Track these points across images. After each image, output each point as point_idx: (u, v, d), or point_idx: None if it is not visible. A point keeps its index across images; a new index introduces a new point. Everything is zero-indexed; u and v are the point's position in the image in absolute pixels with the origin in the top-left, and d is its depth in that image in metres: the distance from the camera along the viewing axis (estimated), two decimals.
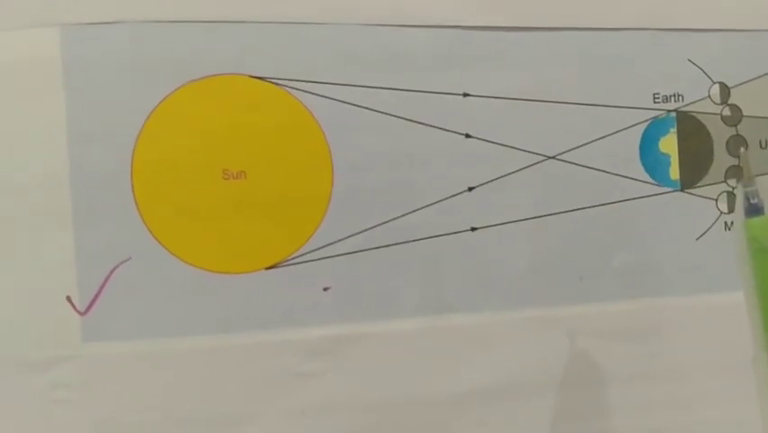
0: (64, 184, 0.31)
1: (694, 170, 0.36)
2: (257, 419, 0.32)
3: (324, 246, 0.33)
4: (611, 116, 0.35)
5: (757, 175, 0.36)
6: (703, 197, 0.36)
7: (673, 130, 0.36)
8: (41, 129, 0.31)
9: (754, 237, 0.27)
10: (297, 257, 0.33)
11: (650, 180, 0.36)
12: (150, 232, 0.31)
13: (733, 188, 0.36)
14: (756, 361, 0.27)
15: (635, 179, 0.35)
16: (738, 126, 0.36)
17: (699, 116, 0.36)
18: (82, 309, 0.31)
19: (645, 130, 0.36)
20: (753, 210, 0.27)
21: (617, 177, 0.35)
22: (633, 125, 0.35)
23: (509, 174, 0.34)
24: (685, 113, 0.36)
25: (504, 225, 0.34)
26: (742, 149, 0.28)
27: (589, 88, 0.35)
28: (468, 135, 0.34)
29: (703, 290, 0.36)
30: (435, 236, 0.34)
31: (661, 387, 0.36)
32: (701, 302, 0.36)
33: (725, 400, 0.35)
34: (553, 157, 0.35)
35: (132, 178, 0.31)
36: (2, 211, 0.31)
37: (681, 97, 0.36)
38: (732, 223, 0.36)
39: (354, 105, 0.33)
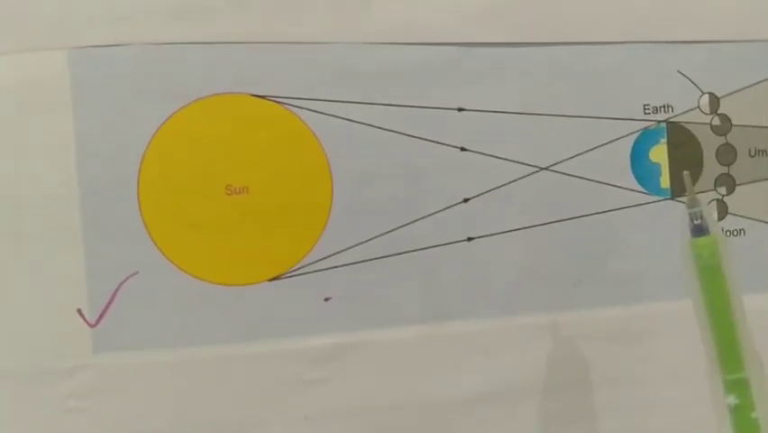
0: (73, 200, 0.32)
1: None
2: (263, 426, 0.33)
3: (324, 258, 0.33)
4: (603, 128, 0.36)
5: (748, 183, 0.37)
6: None
7: (663, 140, 0.36)
8: (51, 147, 0.32)
9: (700, 256, 0.27)
10: (299, 269, 0.33)
11: (641, 189, 0.36)
12: (157, 246, 0.32)
13: (722, 195, 0.37)
14: (711, 375, 0.27)
15: (627, 189, 0.36)
16: (728, 135, 0.37)
17: (689, 126, 0.36)
18: (92, 321, 0.32)
19: (636, 140, 0.36)
20: (697, 231, 0.27)
21: (609, 186, 0.36)
22: (624, 136, 0.36)
23: (504, 185, 0.35)
24: (675, 123, 0.36)
25: (499, 235, 0.35)
26: (685, 172, 0.28)
27: (581, 101, 0.35)
28: (463, 148, 0.34)
29: None
30: (433, 246, 0.34)
31: (655, 390, 0.36)
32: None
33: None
34: (547, 168, 0.35)
35: (138, 194, 0.32)
36: (15, 227, 0.31)
37: (670, 108, 0.36)
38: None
39: (352, 120, 0.33)
